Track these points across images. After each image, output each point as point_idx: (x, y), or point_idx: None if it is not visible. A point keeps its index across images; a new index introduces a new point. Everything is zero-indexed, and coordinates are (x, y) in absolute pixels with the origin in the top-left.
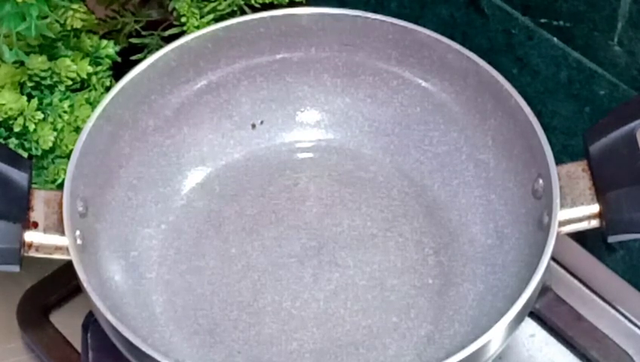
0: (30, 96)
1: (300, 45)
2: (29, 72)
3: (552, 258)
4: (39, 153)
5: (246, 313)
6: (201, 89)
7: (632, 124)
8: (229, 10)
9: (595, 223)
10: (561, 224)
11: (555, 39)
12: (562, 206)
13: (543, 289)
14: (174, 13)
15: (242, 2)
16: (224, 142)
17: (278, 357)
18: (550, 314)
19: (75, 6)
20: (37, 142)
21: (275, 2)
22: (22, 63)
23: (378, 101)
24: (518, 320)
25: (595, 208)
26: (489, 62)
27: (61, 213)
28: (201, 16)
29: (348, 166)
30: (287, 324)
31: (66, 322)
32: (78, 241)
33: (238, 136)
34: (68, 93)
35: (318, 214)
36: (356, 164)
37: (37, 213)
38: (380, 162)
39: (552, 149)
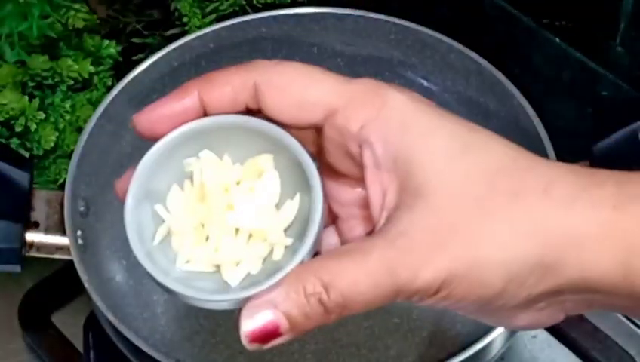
0: (32, 96)
1: (302, 45)
2: (31, 71)
3: None
4: (41, 153)
5: None
6: None
7: (635, 125)
8: (230, 10)
9: None
10: None
11: (557, 40)
12: None
13: None
14: (176, 13)
15: (244, 2)
16: None
17: (280, 358)
18: None
19: (76, 6)
20: (38, 142)
21: (277, 2)
22: (23, 63)
23: None
24: None
25: None
26: (491, 63)
27: (62, 212)
28: (203, 16)
29: None
30: None
31: (68, 322)
32: (80, 241)
33: None
34: (69, 93)
35: None
36: None
37: (38, 213)
38: None
39: (555, 150)
